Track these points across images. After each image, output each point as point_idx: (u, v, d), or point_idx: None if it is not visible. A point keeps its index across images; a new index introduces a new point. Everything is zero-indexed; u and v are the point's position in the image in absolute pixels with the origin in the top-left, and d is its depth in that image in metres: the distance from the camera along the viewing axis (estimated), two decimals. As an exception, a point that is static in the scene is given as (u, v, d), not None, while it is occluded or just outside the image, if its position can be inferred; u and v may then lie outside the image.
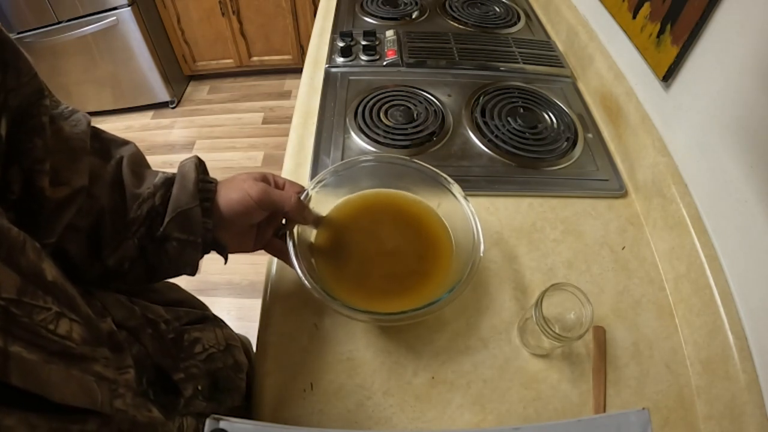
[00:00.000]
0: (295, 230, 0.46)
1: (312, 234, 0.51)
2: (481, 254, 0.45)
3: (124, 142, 0.40)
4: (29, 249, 0.25)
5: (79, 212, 0.33)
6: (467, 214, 0.49)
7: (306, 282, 0.42)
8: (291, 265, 0.43)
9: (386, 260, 0.51)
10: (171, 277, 0.42)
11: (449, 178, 0.51)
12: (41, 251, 0.26)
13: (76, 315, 0.27)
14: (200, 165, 0.42)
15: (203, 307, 0.51)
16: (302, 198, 0.47)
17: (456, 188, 0.51)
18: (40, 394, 0.22)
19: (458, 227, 0.50)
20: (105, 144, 0.38)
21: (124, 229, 0.36)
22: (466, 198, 0.50)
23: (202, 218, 0.38)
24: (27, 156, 0.29)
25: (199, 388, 0.40)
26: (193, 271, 0.41)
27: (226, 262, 0.44)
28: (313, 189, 0.50)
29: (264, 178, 0.44)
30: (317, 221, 0.50)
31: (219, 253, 0.43)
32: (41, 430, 0.22)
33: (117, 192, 0.36)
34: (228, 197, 0.41)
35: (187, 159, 0.42)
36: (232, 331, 0.54)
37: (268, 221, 0.46)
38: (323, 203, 0.52)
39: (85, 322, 0.27)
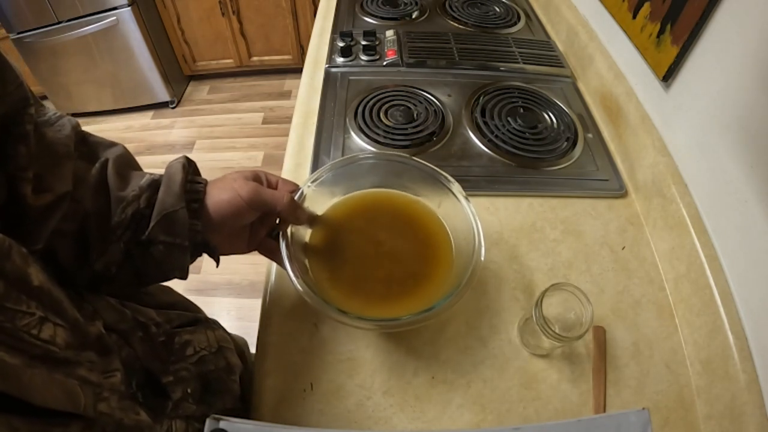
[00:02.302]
0: (288, 231, 0.44)
1: (307, 234, 0.49)
2: (482, 257, 0.44)
3: (112, 144, 0.39)
4: (15, 254, 0.25)
5: (64, 217, 0.33)
6: (468, 215, 0.47)
7: (298, 286, 0.41)
8: (284, 267, 0.42)
9: (384, 262, 0.49)
10: (161, 281, 0.41)
11: (450, 177, 0.50)
12: (28, 256, 0.26)
13: (61, 319, 0.27)
14: (188, 165, 0.40)
15: (196, 309, 0.51)
16: (296, 197, 0.45)
17: (456, 188, 0.49)
18: (21, 397, 0.22)
19: (459, 229, 0.49)
20: (92, 147, 0.37)
21: (110, 232, 0.35)
22: (467, 198, 0.48)
23: (190, 220, 0.37)
24: (11, 163, 0.29)
25: (189, 391, 0.39)
26: (183, 274, 0.39)
27: (217, 265, 0.43)
28: (309, 186, 0.48)
29: (256, 177, 0.43)
30: (312, 220, 0.48)
31: (210, 255, 0.42)
32: None
33: (101, 195, 0.35)
34: (218, 198, 0.39)
35: (174, 159, 0.40)
36: (227, 332, 0.53)
37: (261, 221, 0.44)
38: (320, 201, 0.50)
39: (71, 327, 0.27)
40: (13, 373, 0.22)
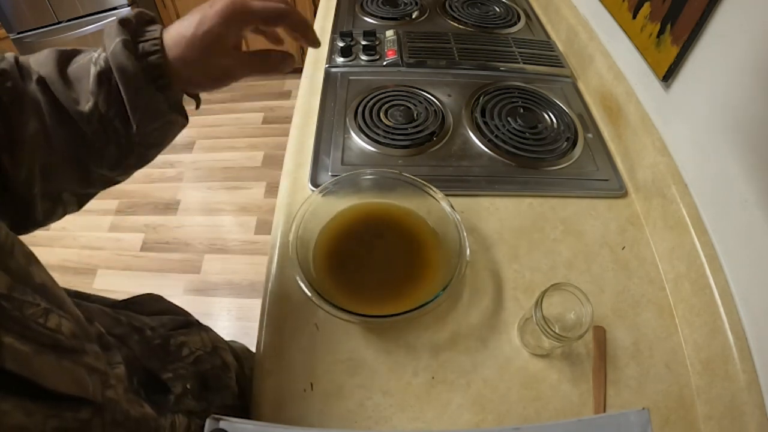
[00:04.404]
0: (294, 242, 0.47)
1: (312, 242, 0.53)
2: (467, 258, 0.49)
3: (38, 57, 0.35)
4: (18, 253, 0.26)
5: (45, 152, 0.32)
6: (454, 221, 0.52)
7: (307, 291, 0.45)
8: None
9: (380, 267, 0.54)
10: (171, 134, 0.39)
11: (435, 189, 0.55)
12: (30, 255, 0.27)
13: (65, 312, 0.27)
14: (129, 34, 0.34)
15: (186, 314, 0.51)
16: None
17: (441, 197, 0.54)
18: (33, 380, 0.23)
19: (447, 234, 0.53)
20: (25, 70, 0.34)
21: (92, 146, 0.34)
22: (451, 206, 0.53)
23: (164, 94, 0.35)
24: None
25: (188, 387, 0.40)
26: (184, 119, 0.38)
27: (198, 106, 0.41)
28: (316, 195, 0.53)
29: None
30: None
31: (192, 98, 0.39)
32: (36, 416, 0.23)
33: (63, 117, 0.33)
34: (178, 35, 0.34)
35: (108, 29, 0.34)
36: (219, 336, 0.54)
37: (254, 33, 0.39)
38: (325, 210, 0.55)
39: (74, 320, 0.28)
40: (24, 358, 0.23)
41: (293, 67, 0.41)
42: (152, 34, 0.35)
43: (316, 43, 0.41)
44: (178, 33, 0.35)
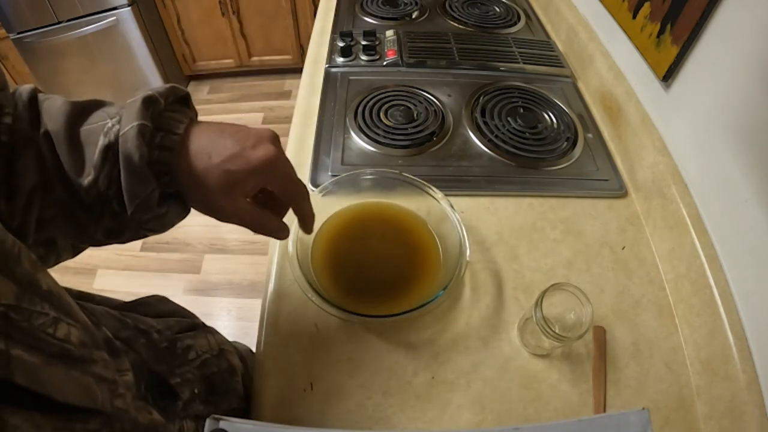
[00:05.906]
0: (295, 242, 0.47)
1: (311, 241, 0.53)
2: (467, 258, 0.49)
3: (51, 106, 0.32)
4: (24, 260, 0.25)
5: (41, 207, 0.31)
6: (454, 221, 0.52)
7: (307, 291, 0.45)
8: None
9: (379, 268, 0.55)
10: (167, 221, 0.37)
11: (435, 189, 0.55)
12: (36, 262, 0.26)
13: (73, 320, 0.27)
14: (147, 123, 0.31)
15: (193, 316, 0.51)
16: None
17: (441, 197, 0.54)
18: (42, 392, 0.22)
19: (447, 234, 0.53)
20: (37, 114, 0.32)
21: (89, 211, 0.33)
22: (452, 206, 0.53)
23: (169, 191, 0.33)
24: None
25: (196, 391, 0.40)
26: (181, 207, 0.36)
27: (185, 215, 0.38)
28: (316, 195, 0.54)
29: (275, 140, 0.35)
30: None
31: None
32: (46, 429, 0.23)
33: (64, 178, 0.31)
34: (203, 155, 0.32)
35: (131, 108, 0.31)
36: (225, 338, 0.54)
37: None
38: (324, 210, 0.55)
39: (82, 327, 0.28)
40: (33, 370, 0.22)
41: (286, 238, 0.40)
42: (176, 127, 0.33)
43: (308, 230, 0.43)
44: (204, 148, 0.33)
